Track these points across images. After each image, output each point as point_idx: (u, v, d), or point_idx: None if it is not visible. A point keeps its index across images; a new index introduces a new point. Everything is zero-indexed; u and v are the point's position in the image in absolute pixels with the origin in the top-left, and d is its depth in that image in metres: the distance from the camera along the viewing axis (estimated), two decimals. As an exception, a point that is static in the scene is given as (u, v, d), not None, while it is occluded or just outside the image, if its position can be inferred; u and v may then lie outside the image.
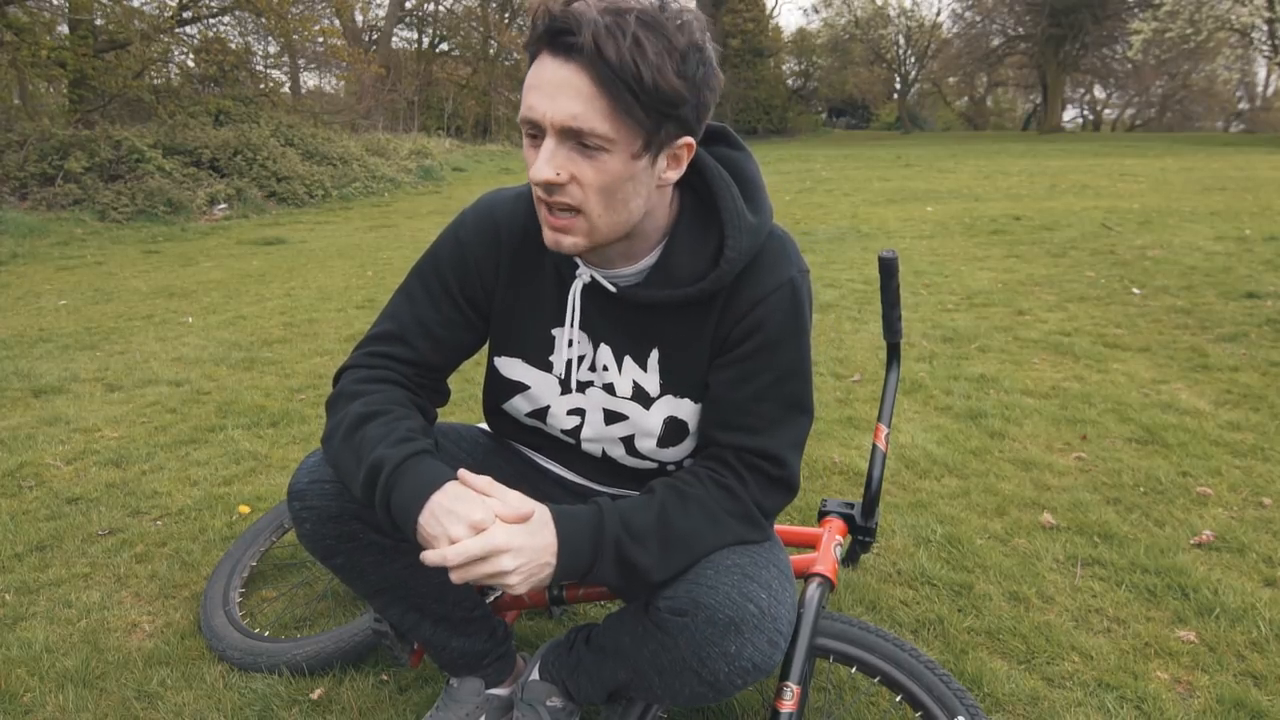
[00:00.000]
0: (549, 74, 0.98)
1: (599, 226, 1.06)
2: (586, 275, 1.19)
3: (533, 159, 1.03)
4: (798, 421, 1.20)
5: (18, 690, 1.63)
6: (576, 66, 0.96)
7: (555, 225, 1.06)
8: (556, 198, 1.03)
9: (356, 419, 1.16)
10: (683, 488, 1.16)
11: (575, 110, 0.97)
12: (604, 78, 0.95)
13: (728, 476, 1.17)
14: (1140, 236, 6.59)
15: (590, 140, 0.99)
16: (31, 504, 2.46)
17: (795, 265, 1.18)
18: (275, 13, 12.29)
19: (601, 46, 0.94)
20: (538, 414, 1.32)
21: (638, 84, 0.96)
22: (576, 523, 1.09)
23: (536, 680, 1.42)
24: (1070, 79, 39.91)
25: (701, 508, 1.14)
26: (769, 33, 39.07)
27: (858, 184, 12.23)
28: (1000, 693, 1.58)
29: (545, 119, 0.99)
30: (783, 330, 1.17)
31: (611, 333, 1.23)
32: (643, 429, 1.26)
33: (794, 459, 1.20)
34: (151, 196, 9.46)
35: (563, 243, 1.08)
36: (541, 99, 0.99)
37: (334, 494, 1.21)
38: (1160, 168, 13.25)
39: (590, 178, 1.02)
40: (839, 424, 2.97)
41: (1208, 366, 3.48)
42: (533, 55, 1.01)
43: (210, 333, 4.50)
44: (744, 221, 1.14)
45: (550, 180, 1.01)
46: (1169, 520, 2.24)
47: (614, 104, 0.97)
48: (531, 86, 1.00)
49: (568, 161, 1.01)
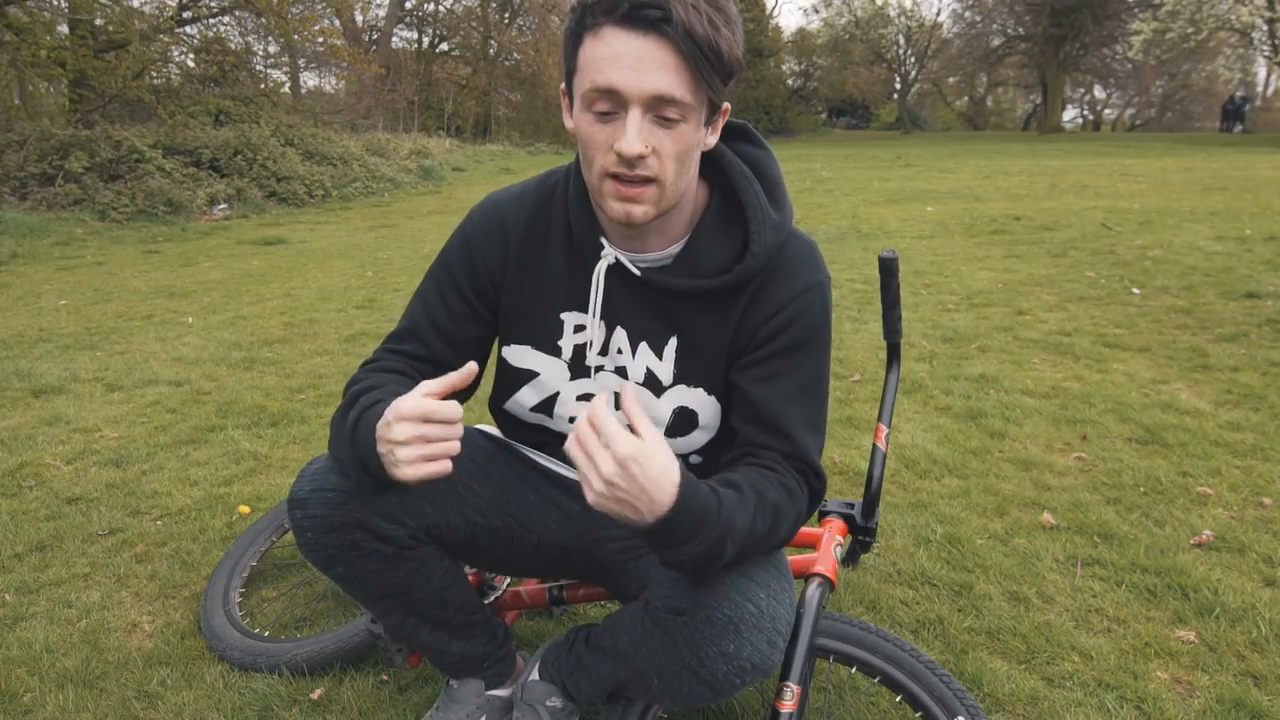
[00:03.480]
0: (629, 47, 1.00)
1: (668, 194, 1.09)
2: (612, 256, 1.20)
3: (600, 134, 1.05)
4: (820, 432, 1.22)
5: (18, 690, 1.63)
6: (661, 40, 0.99)
7: (629, 195, 1.07)
8: (638, 170, 1.05)
9: (351, 396, 1.19)
10: (763, 490, 1.12)
11: (664, 81, 1.00)
12: (689, 51, 0.99)
13: (790, 480, 1.17)
14: (1140, 236, 6.58)
15: (673, 112, 1.02)
16: (31, 504, 2.46)
17: (823, 271, 1.22)
18: (275, 13, 12.28)
19: (691, 22, 0.97)
20: (545, 405, 1.31)
21: (717, 57, 1.00)
22: (699, 496, 1.01)
23: (536, 680, 1.42)
24: (1070, 79, 39.91)
25: (775, 513, 1.13)
26: (769, 33, 39.09)
27: (858, 184, 12.23)
28: (1000, 693, 1.58)
29: (633, 92, 1.00)
30: (810, 332, 1.19)
31: (630, 316, 1.23)
32: (651, 417, 1.26)
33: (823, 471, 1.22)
34: (151, 196, 9.46)
35: (634, 212, 1.09)
36: (625, 72, 1.00)
37: (336, 503, 1.20)
38: (1160, 168, 13.25)
39: (669, 148, 1.05)
40: (839, 424, 2.97)
41: (1208, 366, 3.48)
42: (587, 26, 1.03)
43: (210, 333, 4.50)
44: (768, 217, 1.17)
45: (641, 154, 1.03)
46: (1169, 520, 2.24)
47: (696, 76, 1.01)
48: (605, 59, 1.01)
49: (650, 134, 1.03)
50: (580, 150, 1.12)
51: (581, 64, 1.04)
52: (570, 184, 1.23)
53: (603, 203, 1.11)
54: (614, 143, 1.04)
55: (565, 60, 1.09)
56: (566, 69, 1.10)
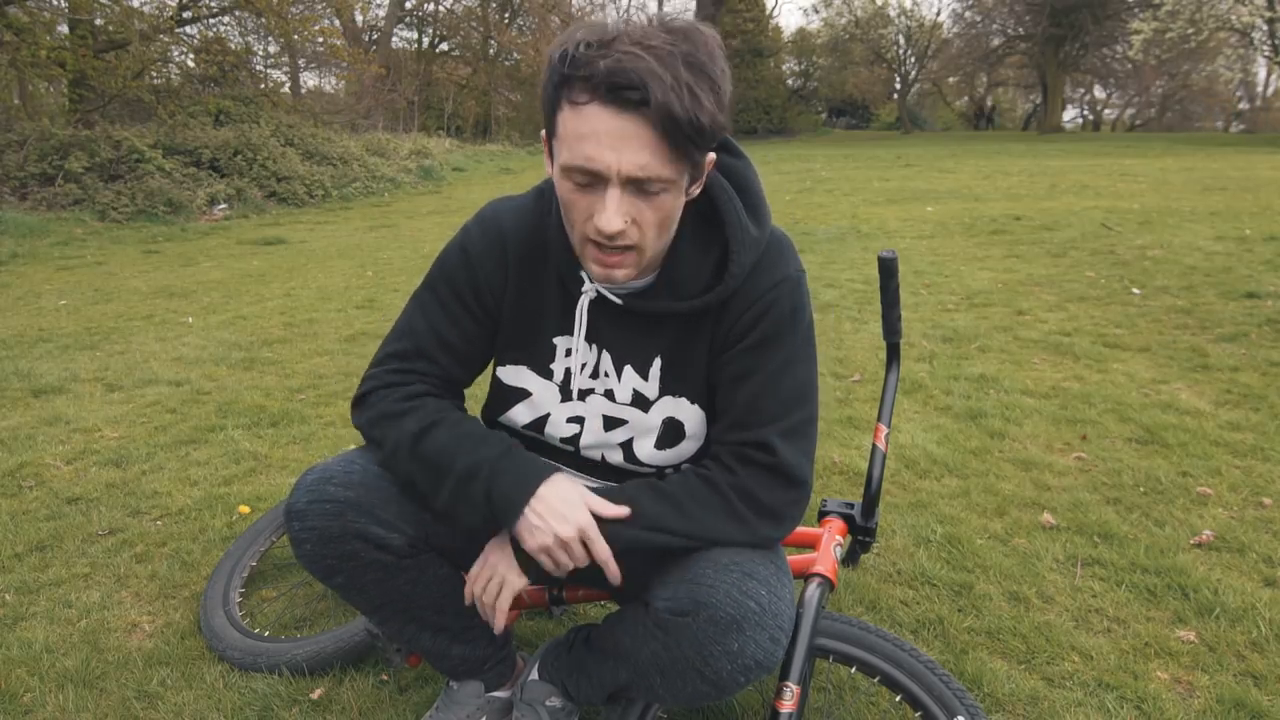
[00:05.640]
0: (607, 125, 0.99)
1: (649, 257, 1.11)
2: (592, 291, 1.21)
3: (583, 204, 1.05)
4: (791, 412, 1.19)
5: (18, 690, 1.63)
6: (638, 119, 0.98)
7: (609, 263, 1.09)
8: (617, 242, 1.06)
9: (417, 433, 1.19)
10: (655, 481, 1.19)
11: (642, 161, 1.00)
12: (668, 129, 0.98)
13: (711, 468, 1.19)
14: (1140, 236, 6.58)
15: (654, 186, 1.02)
16: (31, 504, 2.46)
17: (792, 265, 1.21)
18: (275, 13, 12.28)
19: (670, 104, 0.96)
20: (537, 424, 1.32)
21: (697, 132, 0.99)
22: None
23: (536, 680, 1.42)
24: (1070, 79, 39.90)
25: (669, 496, 1.16)
26: (769, 33, 39.04)
27: (857, 184, 12.23)
28: (1000, 693, 1.58)
29: (611, 170, 1.00)
30: (777, 327, 1.19)
31: (615, 341, 1.24)
32: (642, 429, 1.28)
33: (787, 446, 1.18)
34: (151, 196, 9.46)
35: (615, 275, 1.10)
36: (604, 151, 0.99)
37: (334, 514, 1.19)
38: (1160, 168, 13.25)
39: (650, 218, 1.05)
40: (839, 424, 2.97)
41: (1208, 366, 3.48)
42: (565, 95, 1.01)
43: (210, 333, 4.50)
44: (748, 236, 1.17)
45: (621, 230, 1.03)
46: (1169, 520, 2.24)
47: (675, 150, 1.00)
48: (584, 136, 1.00)
49: (630, 208, 1.04)
50: (561, 208, 1.11)
51: (560, 131, 1.03)
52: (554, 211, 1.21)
53: (584, 263, 1.13)
54: (593, 215, 1.04)
55: (545, 115, 1.07)
56: (546, 124, 1.08)
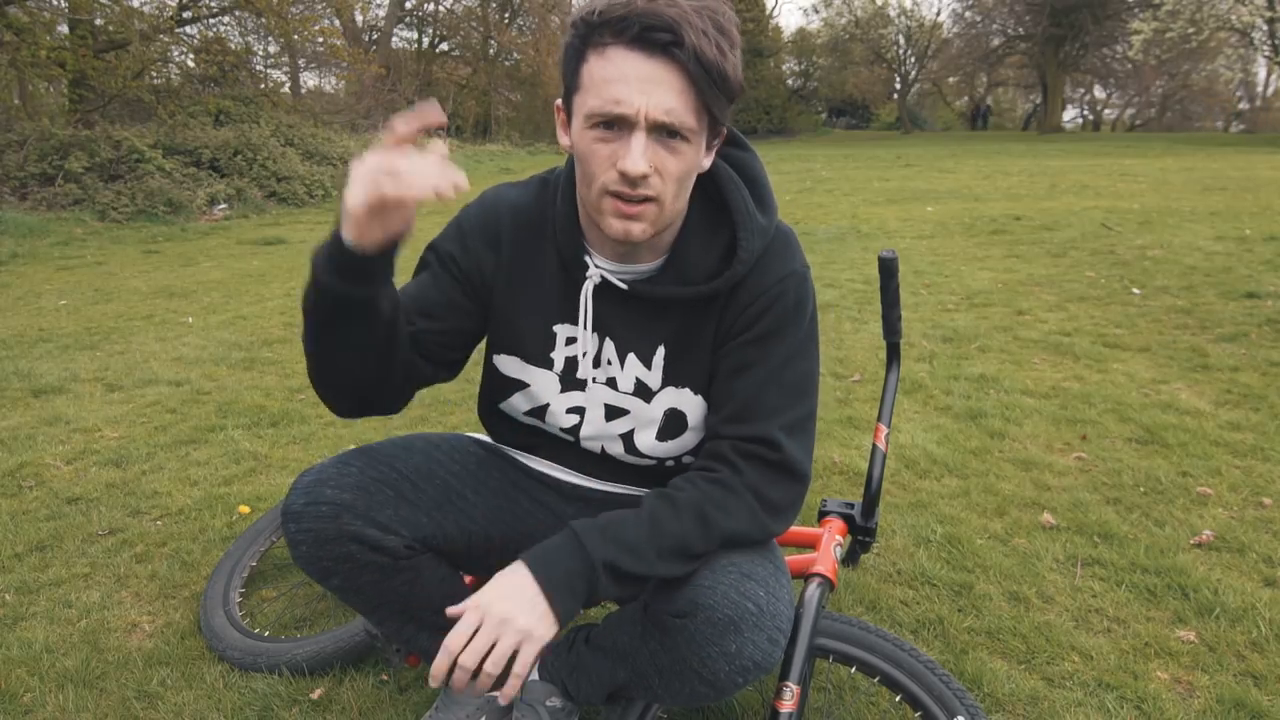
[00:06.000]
0: (637, 69, 1.00)
1: (666, 213, 1.10)
2: (597, 276, 1.20)
3: (603, 150, 1.04)
4: (794, 407, 1.19)
5: (18, 690, 1.63)
6: (669, 63, 0.99)
7: (629, 214, 1.07)
8: (640, 190, 1.05)
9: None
10: (672, 494, 1.16)
11: (671, 105, 1.00)
12: (697, 75, 0.99)
13: (721, 470, 1.17)
14: (1140, 236, 6.58)
15: (677, 133, 1.03)
16: (31, 504, 2.46)
17: (798, 261, 1.21)
18: (275, 13, 12.27)
19: (701, 48, 0.97)
20: (537, 412, 1.31)
21: (724, 81, 1.01)
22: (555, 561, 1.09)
23: (536, 680, 1.42)
24: (1070, 79, 39.90)
25: (692, 510, 1.13)
26: (769, 33, 39.04)
27: (858, 184, 12.23)
28: (1000, 693, 1.58)
29: (639, 113, 1.01)
30: (781, 321, 1.19)
31: (618, 329, 1.24)
32: (643, 420, 1.27)
33: (791, 442, 1.18)
34: (151, 196, 9.45)
35: (633, 230, 1.09)
36: (633, 93, 1.00)
37: (330, 516, 1.18)
38: (1160, 168, 13.25)
39: (672, 168, 1.05)
40: (839, 424, 2.97)
41: (1208, 366, 3.48)
42: (593, 44, 1.02)
43: (210, 333, 4.50)
44: (755, 223, 1.17)
45: (645, 174, 1.03)
46: (1169, 520, 2.24)
47: (702, 99, 1.02)
48: (612, 80, 1.01)
49: (654, 154, 1.04)
50: (579, 167, 1.11)
51: (585, 82, 1.04)
52: (559, 197, 1.21)
53: (601, 220, 1.10)
54: (617, 161, 1.04)
55: (565, 76, 1.08)
56: (566, 85, 1.08)
